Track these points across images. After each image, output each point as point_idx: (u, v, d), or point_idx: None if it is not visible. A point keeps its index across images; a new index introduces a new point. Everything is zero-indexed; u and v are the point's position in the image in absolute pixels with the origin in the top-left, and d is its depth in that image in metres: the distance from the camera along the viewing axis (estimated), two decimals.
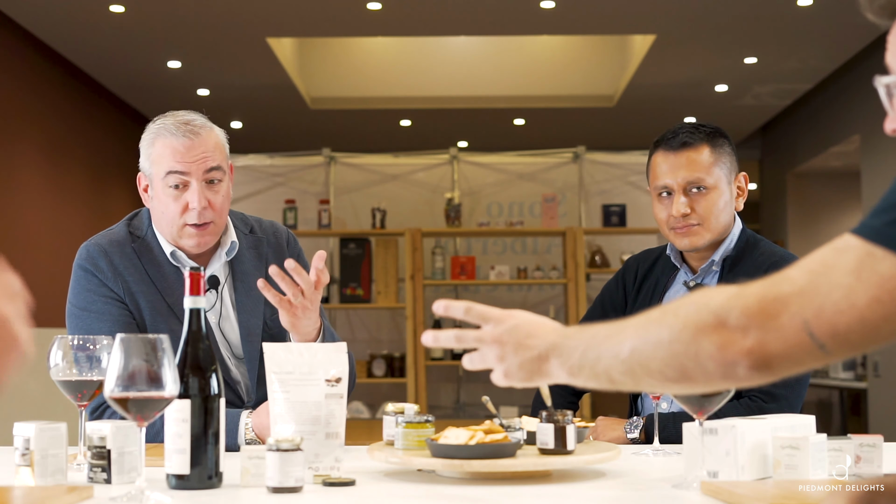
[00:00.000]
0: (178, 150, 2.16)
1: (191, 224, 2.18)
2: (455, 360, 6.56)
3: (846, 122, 7.81)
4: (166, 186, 2.17)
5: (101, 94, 7.82)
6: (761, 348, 1.00)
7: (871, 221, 0.98)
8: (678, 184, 2.32)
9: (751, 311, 1.02)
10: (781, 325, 0.99)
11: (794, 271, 1.01)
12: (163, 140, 2.18)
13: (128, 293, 2.18)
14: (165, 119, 2.20)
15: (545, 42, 7.97)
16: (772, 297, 1.01)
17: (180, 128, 2.17)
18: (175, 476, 1.53)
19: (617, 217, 6.76)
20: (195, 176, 2.16)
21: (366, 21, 6.44)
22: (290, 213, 6.62)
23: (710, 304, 1.06)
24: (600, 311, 2.52)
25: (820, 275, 0.98)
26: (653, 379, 1.11)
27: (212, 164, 2.18)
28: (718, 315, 1.04)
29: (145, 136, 2.22)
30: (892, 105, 1.04)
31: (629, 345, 1.13)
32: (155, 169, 2.19)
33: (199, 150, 2.17)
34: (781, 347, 0.99)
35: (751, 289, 1.04)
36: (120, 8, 6.01)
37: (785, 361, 1.01)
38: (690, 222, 2.32)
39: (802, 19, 6.32)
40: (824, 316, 0.96)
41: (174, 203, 2.17)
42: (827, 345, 0.97)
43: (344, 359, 1.72)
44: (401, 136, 9.32)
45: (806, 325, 0.97)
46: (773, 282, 1.02)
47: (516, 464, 1.61)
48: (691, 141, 2.32)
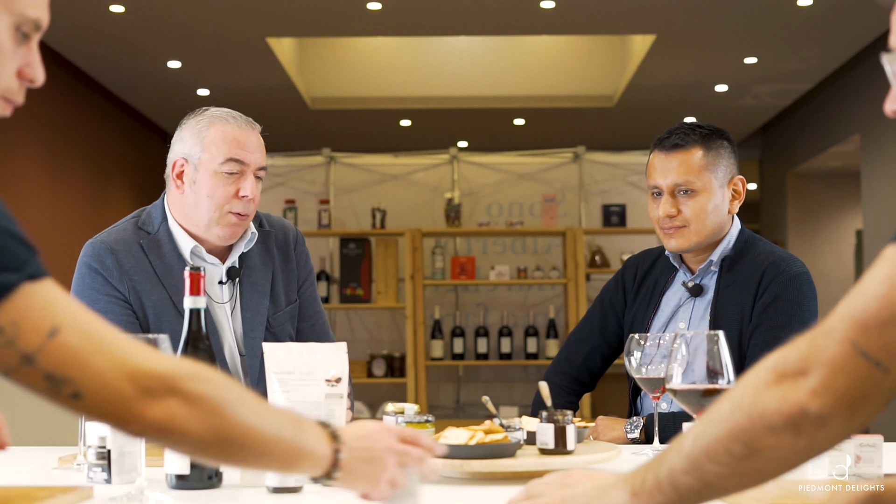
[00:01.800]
0: (240, 137, 2.19)
1: (235, 212, 2.20)
2: (455, 360, 6.56)
3: (846, 122, 7.81)
4: (221, 172, 2.18)
5: (101, 93, 7.82)
6: (824, 385, 0.96)
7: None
8: (667, 185, 2.32)
9: (804, 353, 0.98)
10: (834, 355, 0.95)
11: (837, 306, 0.98)
12: (222, 126, 2.20)
13: (133, 293, 2.18)
14: (216, 109, 2.23)
15: (545, 42, 7.97)
16: (819, 334, 0.98)
17: (238, 119, 2.22)
18: (175, 476, 1.53)
19: (617, 217, 6.77)
20: (251, 167, 2.20)
21: (366, 21, 6.44)
22: (290, 213, 6.62)
23: (766, 363, 1.02)
24: (600, 311, 2.52)
25: (856, 294, 0.96)
26: (719, 467, 1.04)
27: (262, 163, 2.24)
28: (775, 368, 1.00)
29: (194, 122, 2.22)
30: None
31: (692, 434, 1.07)
32: (208, 153, 2.19)
33: (257, 145, 2.23)
34: (842, 377, 0.95)
35: (800, 339, 1.00)
36: (120, 8, 6.01)
37: (852, 394, 0.95)
38: (676, 224, 2.32)
39: (802, 19, 6.32)
40: (871, 331, 0.94)
41: (224, 188, 2.18)
42: (882, 361, 0.94)
43: (344, 359, 1.72)
44: (401, 136, 9.32)
45: (856, 347, 0.94)
46: (823, 320, 0.99)
47: (516, 464, 1.61)
48: (683, 143, 2.31)
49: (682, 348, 1.59)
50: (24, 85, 1.16)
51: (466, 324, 6.75)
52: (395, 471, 1.28)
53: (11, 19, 1.11)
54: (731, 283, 2.31)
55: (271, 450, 1.17)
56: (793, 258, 2.32)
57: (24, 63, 1.14)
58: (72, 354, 1.05)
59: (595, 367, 2.50)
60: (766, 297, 2.25)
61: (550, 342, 6.51)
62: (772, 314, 2.22)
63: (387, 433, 1.30)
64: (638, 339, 2.02)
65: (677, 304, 2.38)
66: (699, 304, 2.35)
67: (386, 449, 1.28)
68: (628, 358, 2.02)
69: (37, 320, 1.04)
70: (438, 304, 6.71)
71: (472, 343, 6.64)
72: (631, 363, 2.01)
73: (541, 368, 6.55)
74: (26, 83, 1.16)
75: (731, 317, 2.27)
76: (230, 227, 2.21)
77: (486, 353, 6.57)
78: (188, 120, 2.24)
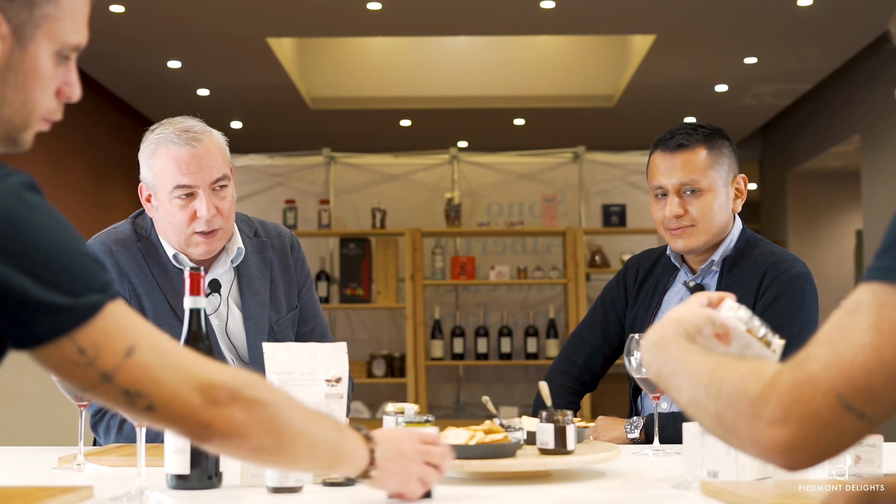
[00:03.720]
0: (182, 160, 2.13)
1: (199, 232, 2.17)
2: (455, 361, 6.56)
3: (846, 122, 7.81)
4: (173, 198, 2.15)
5: (102, 93, 7.82)
6: (798, 438, 0.96)
7: (876, 264, 0.96)
8: (672, 185, 2.32)
9: (784, 403, 0.97)
10: (816, 408, 0.95)
11: (816, 347, 0.97)
12: (164, 150, 2.14)
13: (132, 293, 2.18)
14: (164, 128, 2.17)
15: (545, 42, 7.97)
16: (801, 381, 0.96)
17: (181, 136, 2.14)
18: (175, 476, 1.53)
19: (617, 217, 6.76)
20: (202, 187, 2.15)
21: (366, 21, 6.44)
22: (290, 213, 6.61)
23: (749, 393, 1.01)
24: (601, 311, 2.52)
25: (840, 342, 0.95)
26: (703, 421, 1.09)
27: (217, 175, 2.16)
28: (755, 407, 0.99)
29: (145, 146, 2.18)
30: None
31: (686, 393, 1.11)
32: (159, 181, 2.16)
33: (203, 161, 2.14)
34: (819, 430, 0.95)
35: (783, 377, 0.98)
36: (120, 8, 6.01)
37: (830, 445, 0.96)
38: (684, 224, 2.32)
39: (802, 19, 6.32)
40: (856, 383, 0.93)
41: (181, 212, 2.15)
42: (867, 412, 0.93)
43: (344, 359, 1.72)
44: (401, 136, 9.32)
45: (840, 399, 0.94)
46: (799, 362, 0.98)
47: (516, 464, 1.61)
48: (687, 143, 2.32)
49: None
50: (62, 102, 1.21)
51: (466, 324, 6.74)
52: (423, 469, 1.41)
53: (53, 47, 1.16)
54: (732, 283, 2.31)
55: (318, 451, 1.29)
56: (794, 258, 2.32)
57: (63, 82, 1.20)
58: (146, 371, 1.14)
59: (596, 367, 2.50)
60: (768, 298, 2.25)
61: (550, 342, 6.50)
62: (773, 314, 2.22)
63: (410, 436, 1.43)
64: (638, 339, 2.02)
65: (678, 303, 2.38)
66: None
67: (412, 449, 1.41)
68: (628, 358, 2.02)
69: (115, 340, 1.13)
70: (438, 304, 6.71)
71: (472, 343, 6.64)
72: (631, 363, 2.01)
73: (541, 368, 6.54)
74: (64, 100, 1.21)
75: None
76: (200, 245, 2.19)
77: (486, 353, 6.57)
78: (143, 143, 2.20)
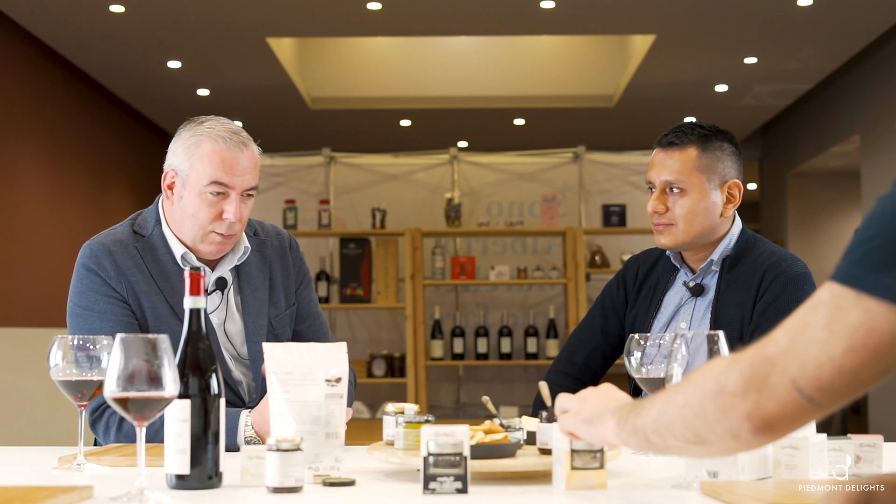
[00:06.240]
0: (227, 160, 2.15)
1: (218, 232, 2.18)
2: (455, 360, 6.56)
3: (846, 122, 7.81)
4: (205, 192, 2.16)
5: (102, 94, 7.82)
6: (758, 410, 1.07)
7: (842, 264, 1.05)
8: (659, 182, 2.33)
9: (745, 376, 1.08)
10: (772, 385, 1.06)
11: (778, 332, 1.08)
12: (212, 144, 2.16)
13: (131, 293, 2.18)
14: (213, 123, 2.19)
15: (545, 42, 7.97)
16: (760, 359, 1.07)
17: (232, 137, 2.17)
18: (175, 476, 1.53)
19: (617, 217, 6.76)
20: (237, 190, 2.17)
21: (366, 21, 6.44)
22: (290, 213, 6.62)
23: (714, 371, 1.13)
24: (601, 311, 2.52)
25: (799, 333, 1.05)
26: (677, 441, 1.20)
27: (251, 184, 2.20)
28: (719, 381, 1.11)
29: (187, 135, 2.19)
30: None
31: (657, 407, 1.23)
32: (196, 172, 2.16)
33: (245, 166, 2.18)
34: (776, 407, 1.06)
35: (745, 353, 1.10)
36: (120, 8, 6.01)
37: (783, 420, 1.07)
38: (664, 221, 2.33)
39: (802, 19, 6.32)
40: (808, 372, 1.03)
41: (208, 209, 2.16)
42: (816, 398, 1.03)
43: (344, 359, 1.72)
44: (401, 136, 9.32)
45: (794, 383, 1.04)
46: (762, 344, 1.09)
47: (516, 464, 1.61)
48: (679, 141, 2.32)
49: (683, 348, 1.59)
50: None
51: (466, 324, 6.74)
52: None
53: None
54: (732, 283, 2.31)
55: None
56: (794, 258, 2.32)
57: None
58: None
59: (596, 367, 2.51)
60: (767, 297, 2.25)
61: (550, 342, 6.50)
62: (772, 314, 2.22)
63: None
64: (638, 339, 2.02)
65: (678, 303, 2.38)
66: (700, 303, 2.35)
67: None
68: (628, 358, 2.02)
69: None
70: (438, 304, 6.71)
71: (472, 343, 6.64)
72: (631, 363, 2.01)
73: (541, 368, 6.54)
74: None
75: (732, 317, 2.27)
76: (214, 244, 2.20)
77: (486, 353, 6.57)
78: (184, 130, 2.22)
